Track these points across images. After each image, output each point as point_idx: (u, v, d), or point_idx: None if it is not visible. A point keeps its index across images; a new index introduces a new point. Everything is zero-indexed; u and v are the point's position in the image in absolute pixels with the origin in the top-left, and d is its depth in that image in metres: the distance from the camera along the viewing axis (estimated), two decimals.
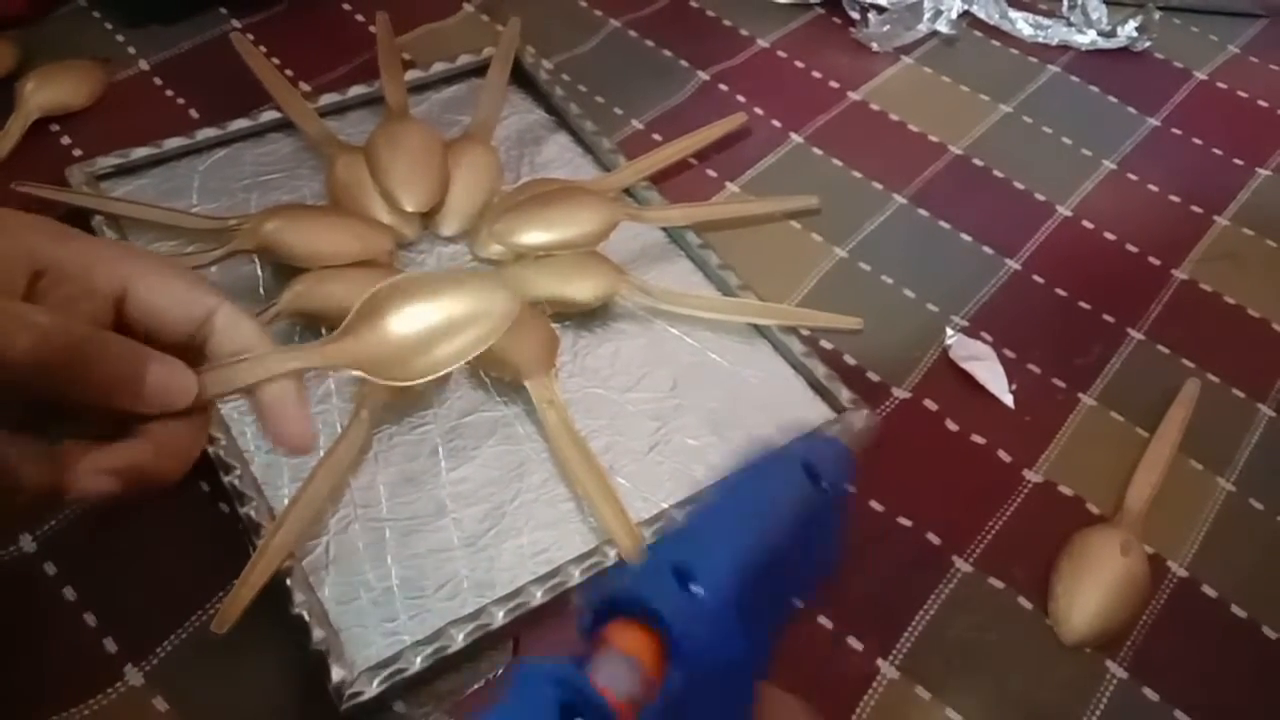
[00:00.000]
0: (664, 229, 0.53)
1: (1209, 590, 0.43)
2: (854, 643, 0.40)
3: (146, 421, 0.29)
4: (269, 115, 0.55)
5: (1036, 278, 0.54)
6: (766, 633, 0.25)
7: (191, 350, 0.30)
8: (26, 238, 0.29)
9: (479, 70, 0.59)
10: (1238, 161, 0.62)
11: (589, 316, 0.49)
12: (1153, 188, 0.60)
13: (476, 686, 0.21)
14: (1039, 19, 0.68)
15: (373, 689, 0.36)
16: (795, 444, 0.27)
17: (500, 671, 0.21)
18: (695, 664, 0.22)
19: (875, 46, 0.66)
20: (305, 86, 0.58)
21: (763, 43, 0.66)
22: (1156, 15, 0.68)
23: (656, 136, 0.59)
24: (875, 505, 0.44)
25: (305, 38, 0.62)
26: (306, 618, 0.37)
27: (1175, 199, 0.59)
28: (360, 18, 0.64)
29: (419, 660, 0.37)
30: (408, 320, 0.34)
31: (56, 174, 0.51)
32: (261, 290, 0.48)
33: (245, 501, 0.40)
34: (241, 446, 0.42)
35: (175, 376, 0.29)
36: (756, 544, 0.24)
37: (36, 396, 0.27)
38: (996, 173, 0.59)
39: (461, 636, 0.37)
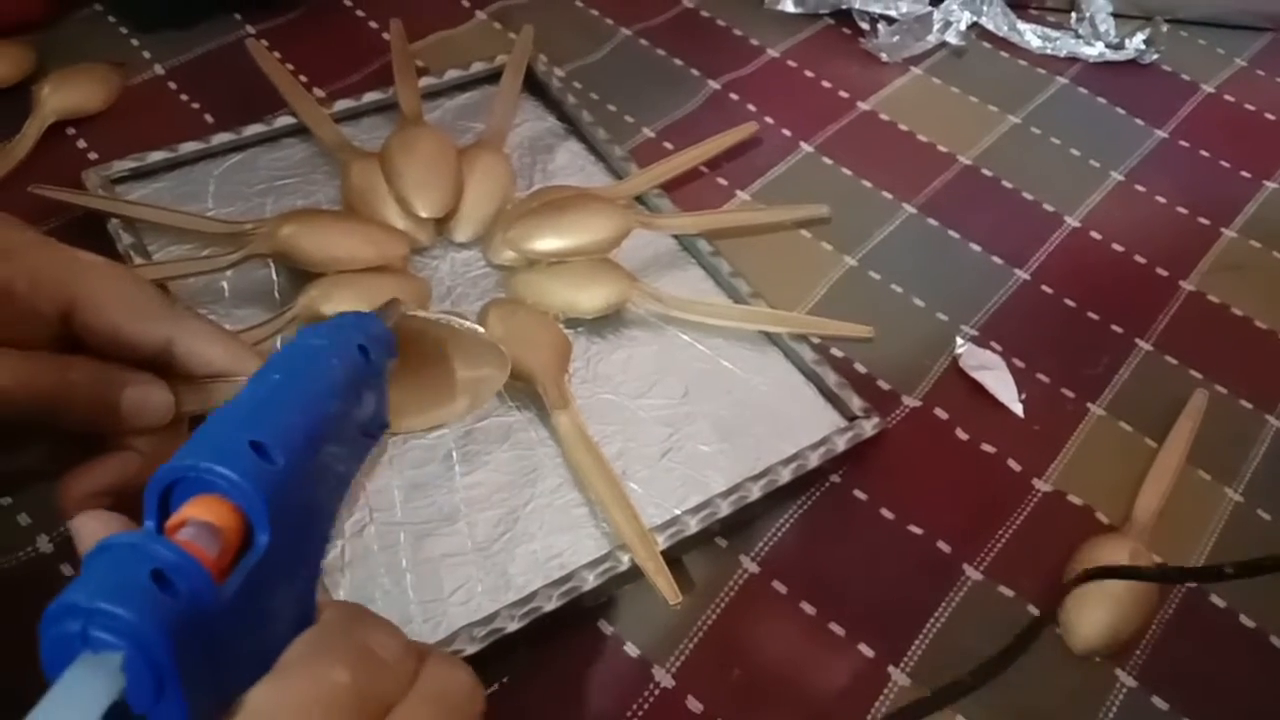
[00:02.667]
0: (675, 237, 0.53)
1: (1217, 600, 0.43)
2: (865, 649, 0.41)
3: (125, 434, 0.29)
4: (284, 120, 0.55)
5: (1045, 288, 0.54)
6: (330, 513, 0.25)
7: (159, 365, 0.30)
8: None
9: (492, 78, 0.60)
10: (1245, 174, 0.62)
11: (601, 323, 0.49)
12: (1160, 199, 0.60)
13: None
14: (1047, 31, 0.69)
15: None
16: (342, 321, 0.27)
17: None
18: (281, 526, 0.22)
19: (885, 57, 0.66)
20: (319, 92, 0.59)
21: (773, 52, 0.66)
22: (1164, 28, 0.69)
23: (668, 145, 0.59)
24: (886, 513, 0.45)
25: (319, 44, 0.62)
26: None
27: (1183, 211, 0.60)
28: (374, 24, 0.64)
29: None
30: (397, 374, 0.34)
31: (72, 177, 0.51)
32: (276, 294, 0.48)
33: None
34: None
35: (150, 397, 0.29)
36: (320, 413, 0.24)
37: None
38: (1005, 183, 0.60)
39: (475, 641, 0.38)
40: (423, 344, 0.34)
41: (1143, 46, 0.68)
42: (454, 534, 0.41)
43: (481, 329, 0.34)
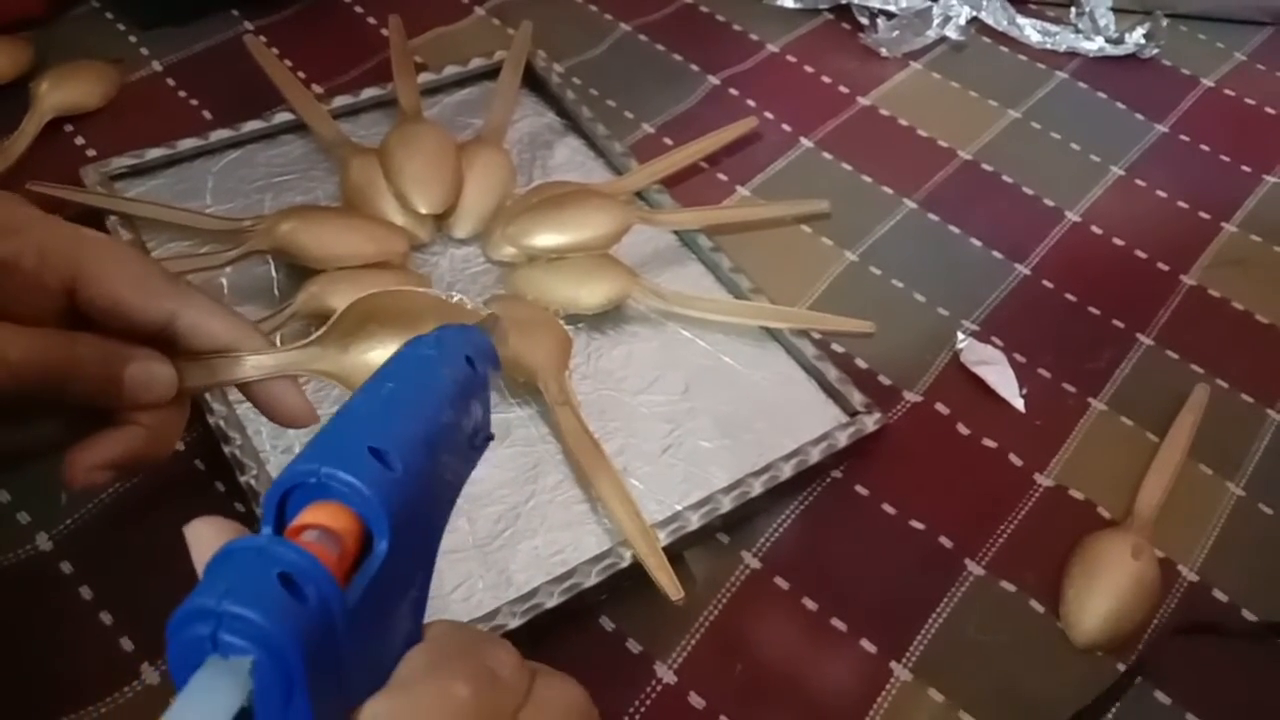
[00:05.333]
0: (675, 232, 0.53)
1: (1219, 594, 0.43)
2: (867, 645, 0.41)
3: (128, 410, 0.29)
4: (282, 117, 0.55)
5: (1046, 283, 0.54)
6: (441, 523, 0.25)
7: (163, 340, 0.30)
8: None
9: (491, 73, 0.60)
10: (1245, 168, 0.62)
11: (602, 319, 0.49)
12: (1161, 194, 0.60)
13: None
14: (1047, 25, 0.69)
15: None
16: (451, 333, 0.27)
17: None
18: (398, 534, 0.22)
19: (884, 52, 0.66)
20: (318, 89, 0.59)
21: (772, 47, 0.66)
22: (1164, 22, 0.68)
23: (667, 140, 0.59)
24: (888, 508, 0.44)
25: (318, 40, 0.62)
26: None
27: (1183, 205, 0.60)
28: (372, 20, 0.64)
29: None
30: (392, 349, 0.34)
31: (71, 174, 0.51)
32: (276, 291, 0.48)
33: (262, 501, 0.40)
34: (257, 446, 0.42)
35: (153, 372, 0.29)
36: (435, 423, 0.24)
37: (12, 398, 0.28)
38: (1005, 178, 0.60)
39: None
40: (419, 319, 0.34)
41: (1142, 41, 0.68)
42: (455, 530, 0.41)
43: (470, 302, 0.34)
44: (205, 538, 0.23)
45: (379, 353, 0.34)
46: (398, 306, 0.34)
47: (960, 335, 0.50)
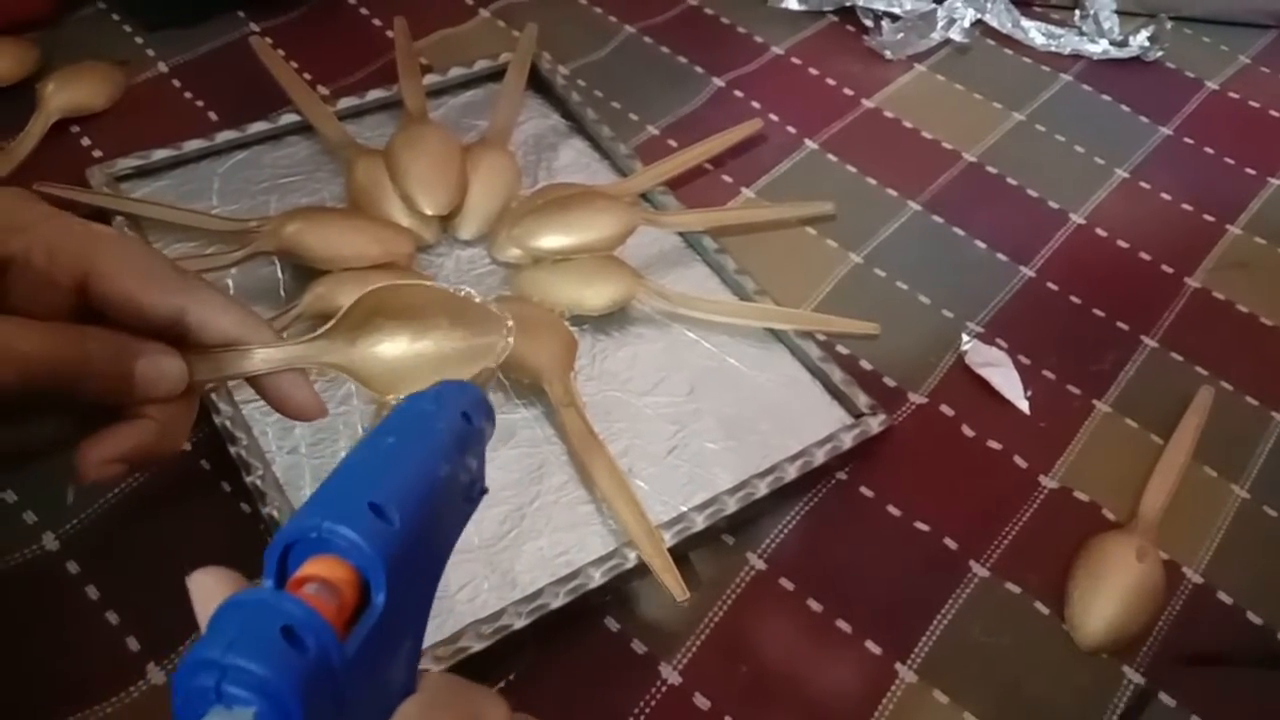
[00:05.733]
0: (680, 234, 0.53)
1: (1224, 596, 0.43)
2: (872, 647, 0.41)
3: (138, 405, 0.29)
4: (288, 118, 0.55)
5: (1050, 285, 0.54)
6: (436, 573, 0.26)
7: (173, 335, 0.30)
8: None
9: (496, 75, 0.60)
10: (1249, 171, 0.62)
11: (607, 320, 0.49)
12: (1165, 196, 0.60)
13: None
14: (1051, 28, 0.69)
15: None
16: (447, 389, 0.28)
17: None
18: (396, 585, 0.22)
19: (889, 54, 0.66)
20: (324, 90, 0.59)
21: (777, 50, 0.66)
22: (1168, 25, 0.68)
23: (672, 142, 0.59)
24: (893, 510, 0.45)
25: (323, 42, 0.62)
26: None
27: (1188, 208, 0.60)
28: (377, 22, 0.64)
29: (439, 662, 0.37)
30: (401, 343, 0.34)
31: (77, 175, 0.51)
32: (282, 292, 0.48)
33: (267, 501, 0.40)
34: (263, 447, 0.42)
35: (163, 366, 0.29)
36: (432, 478, 0.25)
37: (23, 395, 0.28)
38: (1010, 180, 0.60)
39: (482, 638, 0.38)
40: (426, 313, 0.34)
41: (1147, 44, 0.68)
42: None
43: (478, 296, 0.35)
44: (207, 588, 0.23)
45: (386, 346, 0.34)
46: (405, 300, 0.34)
47: (965, 337, 0.51)
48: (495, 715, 0.24)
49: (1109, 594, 0.41)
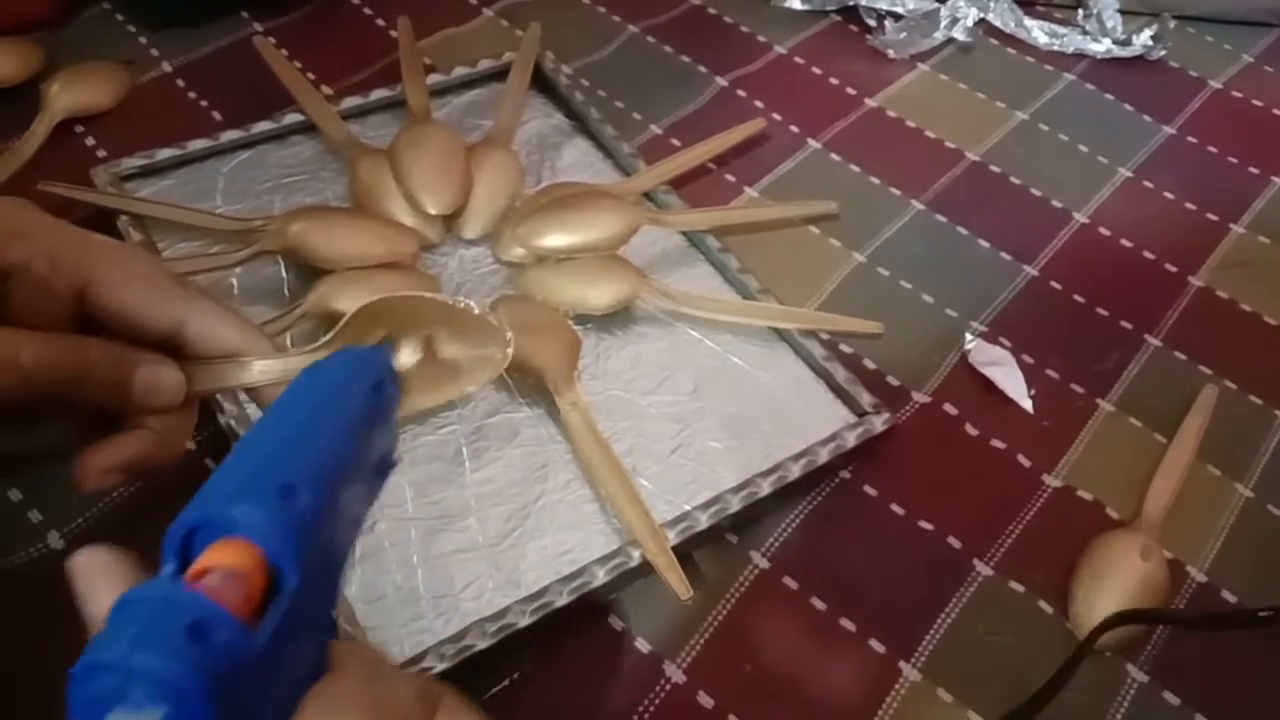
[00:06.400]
0: (684, 233, 0.53)
1: (1228, 595, 0.43)
2: (876, 645, 0.41)
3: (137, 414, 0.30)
4: (292, 118, 0.55)
5: (1054, 284, 0.54)
6: (345, 551, 0.25)
7: (172, 345, 0.30)
8: None
9: (499, 75, 0.60)
10: (1253, 170, 0.62)
11: (610, 320, 0.49)
12: (1168, 195, 0.60)
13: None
14: (1054, 27, 0.69)
15: None
16: (355, 356, 0.27)
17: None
18: (306, 566, 0.22)
19: (892, 53, 0.66)
20: (327, 90, 0.59)
21: (780, 49, 0.66)
22: (1171, 24, 0.68)
23: (675, 141, 0.59)
24: (896, 509, 0.45)
25: (327, 42, 0.62)
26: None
27: (1191, 207, 0.60)
28: (381, 22, 0.64)
29: (444, 659, 0.37)
30: (400, 355, 0.34)
31: (81, 174, 0.51)
32: (286, 291, 0.48)
33: None
34: None
35: (162, 377, 0.29)
36: (339, 454, 0.24)
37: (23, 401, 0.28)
38: (1013, 179, 0.60)
39: (487, 637, 0.38)
40: (425, 324, 0.34)
41: (1150, 43, 0.68)
42: (465, 530, 0.41)
43: (476, 307, 0.35)
44: (92, 570, 0.22)
45: None
46: (404, 311, 0.34)
47: (968, 336, 0.51)
48: (405, 694, 0.23)
49: (1113, 593, 0.41)
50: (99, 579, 0.22)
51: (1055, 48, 0.68)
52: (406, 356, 0.34)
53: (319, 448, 0.24)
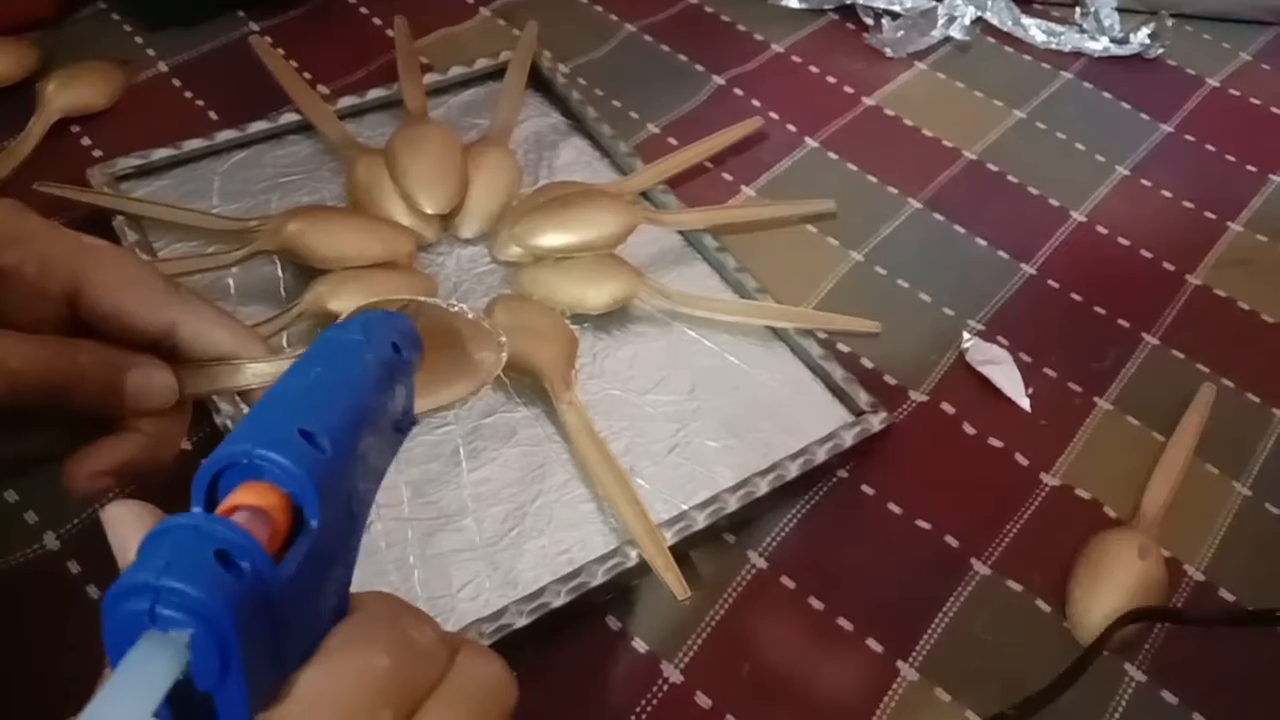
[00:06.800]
0: (681, 232, 0.53)
1: (1226, 594, 0.43)
2: (873, 645, 0.41)
3: (130, 417, 0.30)
4: (288, 117, 0.55)
5: (1052, 282, 0.54)
6: (365, 506, 0.26)
7: (164, 348, 0.30)
8: None
9: (496, 74, 0.60)
10: (1251, 168, 0.62)
11: (608, 319, 0.49)
12: (1166, 194, 0.60)
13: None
14: (1052, 26, 0.69)
15: None
16: (377, 318, 0.28)
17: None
18: (327, 512, 0.23)
19: (889, 52, 0.66)
20: (324, 89, 0.59)
21: (777, 48, 0.66)
22: (1169, 22, 0.68)
23: (673, 140, 0.59)
24: (894, 508, 0.45)
25: (323, 41, 0.62)
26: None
27: (1189, 205, 0.60)
28: (378, 21, 0.64)
29: None
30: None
31: (77, 174, 0.51)
32: (283, 291, 0.48)
33: None
34: None
35: (154, 379, 0.30)
36: (360, 407, 0.25)
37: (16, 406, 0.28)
38: (1011, 178, 0.60)
39: (484, 637, 0.38)
40: (418, 329, 0.34)
41: (1148, 41, 0.68)
42: (462, 530, 0.41)
43: (471, 312, 0.35)
44: (125, 520, 0.23)
45: None
46: None
47: (966, 335, 0.51)
48: (428, 634, 0.24)
49: (1111, 591, 0.41)
50: (131, 526, 0.23)
51: (1053, 46, 0.68)
52: None
53: (338, 400, 0.24)
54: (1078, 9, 0.70)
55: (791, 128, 0.61)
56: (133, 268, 0.30)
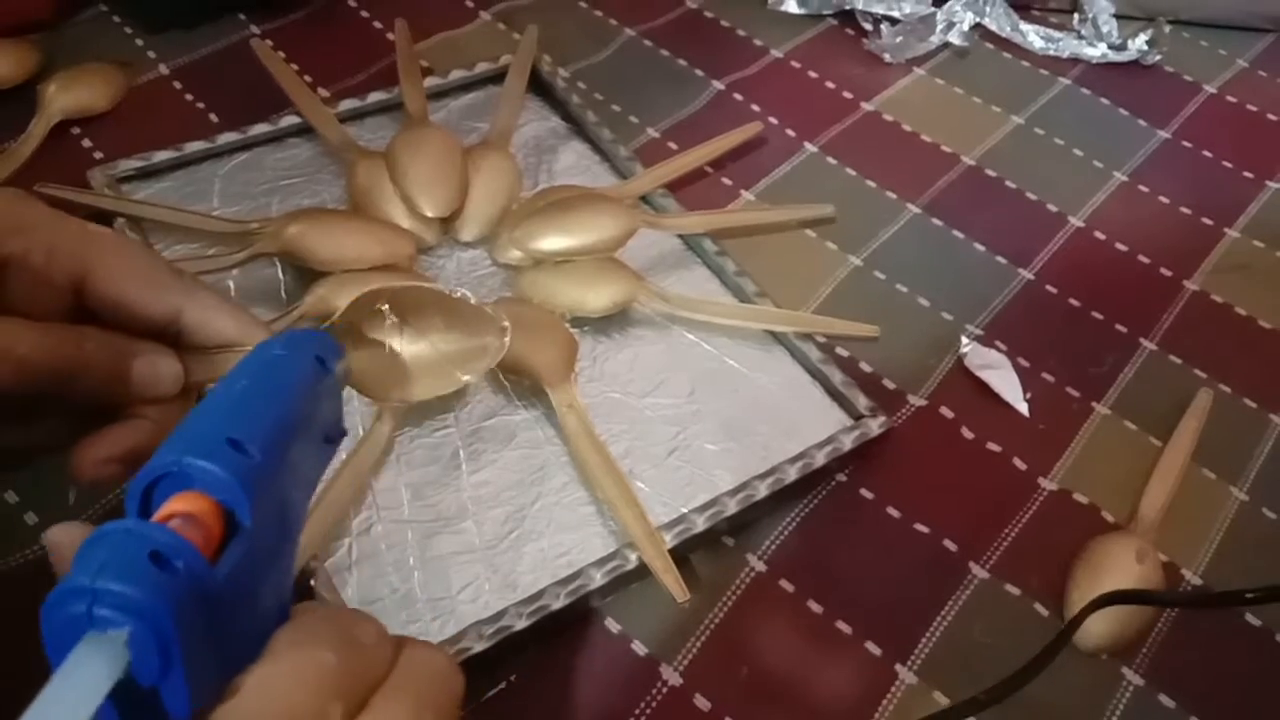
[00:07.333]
0: (681, 236, 0.53)
1: None
2: (872, 648, 0.41)
3: (135, 405, 0.30)
4: (289, 120, 0.55)
5: (1050, 288, 0.54)
6: (298, 516, 0.26)
7: (169, 336, 0.31)
8: None
9: (496, 78, 0.60)
10: (1248, 174, 0.63)
11: (607, 322, 0.49)
12: (1164, 199, 0.60)
13: None
14: (1050, 32, 0.69)
15: None
16: (296, 335, 0.29)
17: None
18: (260, 517, 0.23)
19: (888, 58, 0.66)
20: (324, 92, 0.59)
21: (776, 53, 0.66)
22: (1166, 29, 0.69)
23: (672, 145, 0.59)
24: (892, 512, 0.45)
25: (324, 44, 0.62)
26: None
27: (1186, 211, 0.60)
28: (378, 25, 0.64)
29: None
30: (396, 344, 0.34)
31: (78, 176, 0.51)
32: (283, 293, 0.48)
33: None
34: None
35: (160, 366, 0.30)
36: (287, 417, 0.26)
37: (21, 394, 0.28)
38: (1009, 183, 0.60)
39: (483, 639, 0.38)
40: (421, 314, 0.34)
41: (1145, 47, 0.68)
42: (461, 532, 0.41)
43: (473, 298, 0.35)
44: (65, 543, 0.24)
45: (386, 358, 0.34)
46: (401, 301, 0.34)
47: (964, 339, 0.51)
48: (371, 631, 0.24)
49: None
50: (71, 547, 0.23)
51: (1051, 52, 0.68)
52: (403, 345, 0.35)
53: (264, 410, 0.25)
54: (1076, 15, 0.70)
55: (791, 132, 0.61)
56: (138, 255, 0.30)
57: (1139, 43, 0.68)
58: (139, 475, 0.23)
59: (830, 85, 0.65)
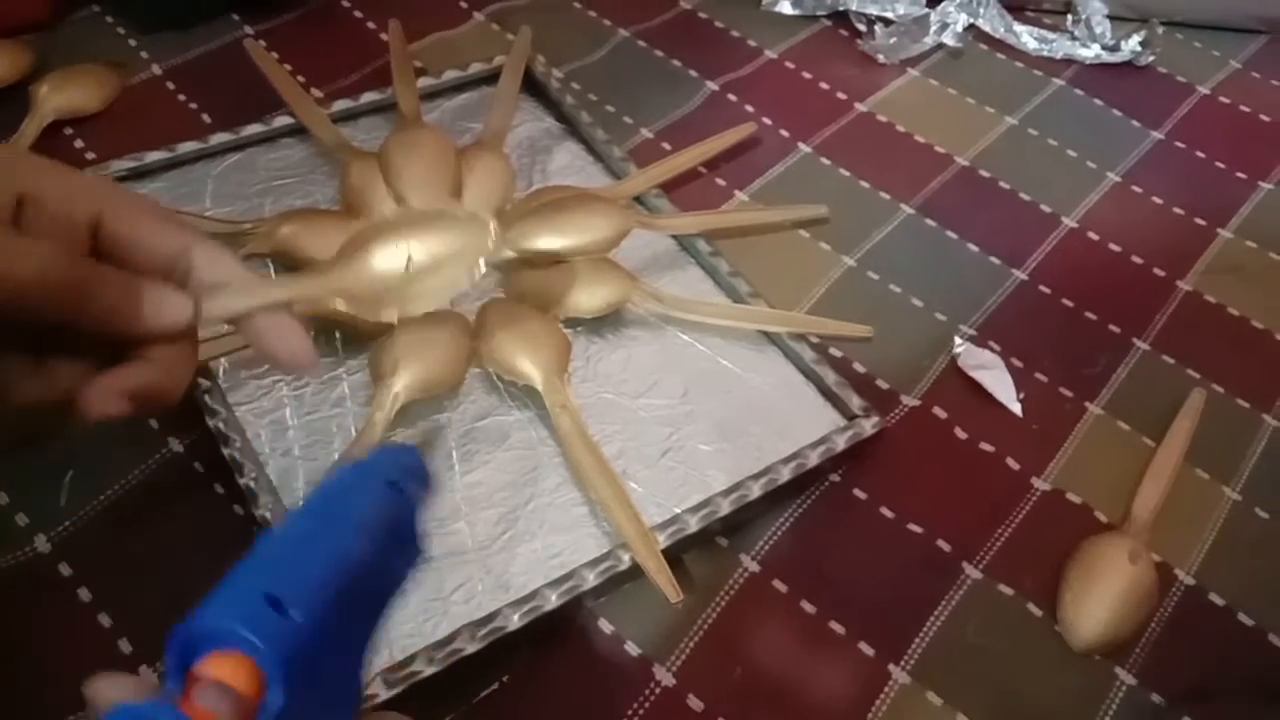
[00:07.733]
0: (674, 237, 0.53)
1: (1216, 598, 0.44)
2: (865, 648, 0.41)
3: (142, 346, 0.30)
4: (282, 121, 0.55)
5: (1043, 288, 0.54)
6: (363, 643, 0.25)
7: (174, 284, 0.31)
8: (10, 167, 0.29)
9: (490, 78, 0.60)
10: (1240, 175, 0.63)
11: (601, 323, 0.49)
12: (1157, 200, 0.60)
13: None
14: (1044, 33, 0.69)
15: (387, 692, 0.36)
16: (376, 458, 0.27)
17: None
18: (296, 685, 0.22)
19: (882, 58, 0.66)
20: (318, 93, 0.59)
21: (770, 54, 0.66)
22: (1160, 30, 0.69)
23: (666, 145, 0.59)
24: (886, 512, 0.45)
25: (318, 44, 0.62)
26: None
27: (1179, 212, 0.60)
28: (372, 25, 0.64)
29: (434, 663, 0.37)
30: (390, 257, 0.34)
31: None
32: None
33: (260, 504, 0.40)
34: (257, 449, 0.42)
35: (170, 298, 0.30)
36: (347, 559, 0.24)
37: (36, 322, 0.28)
38: (1003, 184, 0.60)
39: (476, 640, 0.38)
40: (413, 232, 0.35)
41: (1139, 48, 0.68)
42: (454, 533, 0.41)
43: (448, 210, 0.36)
44: (108, 695, 0.23)
45: (378, 260, 0.33)
46: (398, 227, 0.34)
47: (958, 340, 0.51)
48: None
49: (1101, 596, 0.42)
50: (111, 700, 0.22)
51: (1044, 53, 0.69)
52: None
53: (318, 559, 0.24)
54: (1069, 16, 0.70)
55: (784, 133, 0.61)
56: (147, 199, 0.31)
57: (1132, 44, 0.68)
58: (174, 634, 0.22)
59: (824, 86, 0.65)
